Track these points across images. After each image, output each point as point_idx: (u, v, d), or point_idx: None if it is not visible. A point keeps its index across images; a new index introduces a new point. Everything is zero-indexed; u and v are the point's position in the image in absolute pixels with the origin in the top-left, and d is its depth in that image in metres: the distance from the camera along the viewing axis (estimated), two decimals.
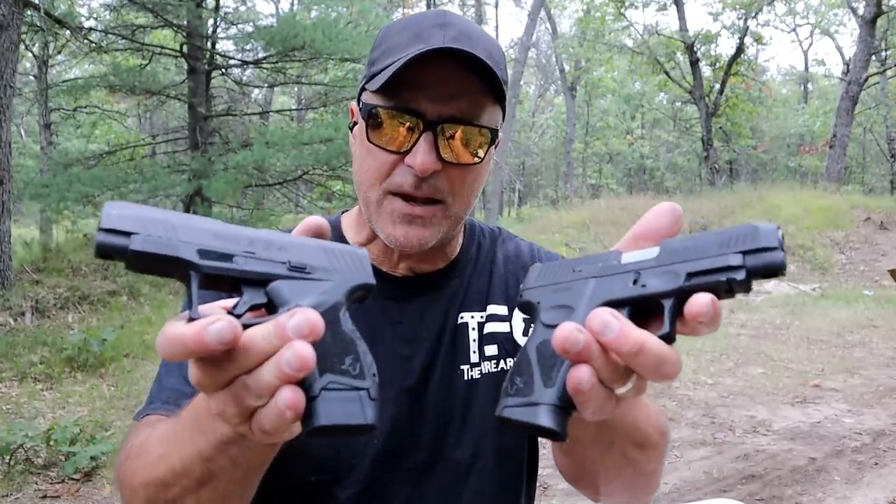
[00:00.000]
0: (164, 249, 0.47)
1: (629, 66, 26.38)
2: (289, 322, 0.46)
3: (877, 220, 15.00)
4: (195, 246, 0.49)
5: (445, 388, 0.93)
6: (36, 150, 15.54)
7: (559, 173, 36.15)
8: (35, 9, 8.08)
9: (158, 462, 0.65)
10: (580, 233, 15.73)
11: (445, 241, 0.92)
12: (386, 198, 0.85)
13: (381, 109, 0.82)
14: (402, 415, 0.90)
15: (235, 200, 10.35)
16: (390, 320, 0.93)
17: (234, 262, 0.50)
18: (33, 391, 5.11)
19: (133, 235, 0.47)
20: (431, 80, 0.81)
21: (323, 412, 0.47)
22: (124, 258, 0.47)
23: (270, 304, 0.51)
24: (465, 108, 0.82)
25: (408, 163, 0.82)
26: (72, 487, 3.69)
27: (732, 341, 7.65)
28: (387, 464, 0.89)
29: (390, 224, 0.85)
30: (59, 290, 7.23)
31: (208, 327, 0.45)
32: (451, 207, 0.86)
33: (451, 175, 0.84)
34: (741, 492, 3.72)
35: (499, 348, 0.96)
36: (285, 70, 11.21)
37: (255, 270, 0.50)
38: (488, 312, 0.97)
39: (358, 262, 0.56)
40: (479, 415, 0.93)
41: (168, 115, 20.74)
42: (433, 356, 0.93)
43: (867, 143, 30.04)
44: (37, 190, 9.14)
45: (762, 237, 0.48)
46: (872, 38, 19.42)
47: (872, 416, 5.09)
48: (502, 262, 1.02)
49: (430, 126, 0.81)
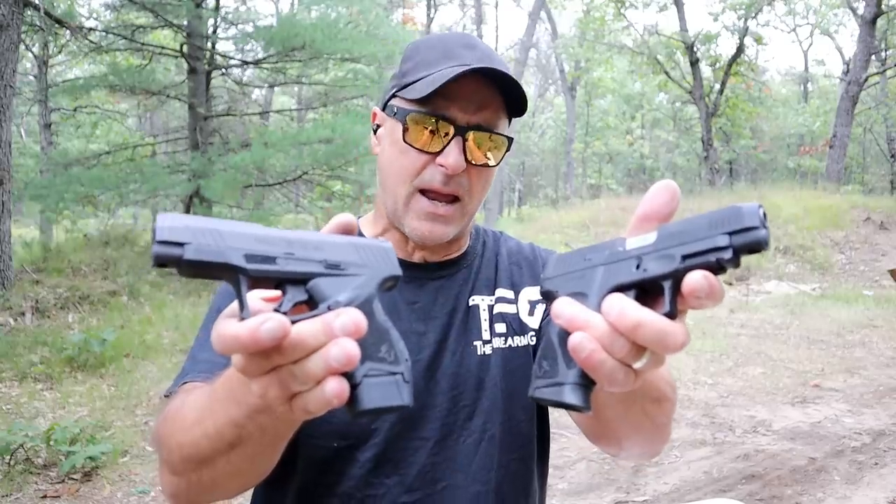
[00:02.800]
0: (215, 257, 0.52)
1: (629, 66, 26.38)
2: (336, 321, 0.51)
3: (877, 220, 14.99)
4: (242, 251, 0.53)
5: (458, 362, 1.01)
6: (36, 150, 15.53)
7: (559, 173, 36.16)
8: (35, 9, 8.09)
9: (194, 426, 0.72)
10: (580, 233, 15.73)
11: (459, 233, 1.03)
12: (414, 195, 0.97)
13: (418, 115, 0.94)
14: (417, 386, 0.97)
15: (235, 200, 10.36)
16: (407, 300, 1.03)
17: (276, 264, 0.55)
18: (33, 391, 5.11)
19: (186, 245, 0.51)
20: (462, 93, 0.93)
21: (366, 397, 0.53)
22: (179, 266, 0.51)
23: (311, 299, 0.56)
24: (489, 118, 0.96)
25: (439, 162, 0.94)
26: (72, 487, 3.69)
27: (732, 341, 7.65)
28: (404, 432, 0.97)
29: (416, 220, 0.97)
30: (59, 290, 7.23)
31: (261, 326, 0.50)
32: (467, 205, 0.99)
33: (471, 175, 0.97)
34: (741, 492, 3.72)
35: (507, 327, 1.06)
36: (285, 70, 11.21)
37: (296, 270, 0.55)
38: (497, 296, 1.08)
39: (385, 255, 0.61)
40: (490, 387, 1.02)
41: (168, 115, 20.74)
42: (446, 332, 1.02)
43: (867, 143, 30.03)
44: (37, 190, 9.14)
45: (745, 217, 0.52)
46: (872, 38, 19.42)
47: (872, 416, 5.09)
48: (506, 254, 1.15)
49: (460, 131, 0.94)
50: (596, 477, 3.95)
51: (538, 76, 40.51)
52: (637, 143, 33.16)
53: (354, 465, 0.95)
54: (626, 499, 3.69)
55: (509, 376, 1.03)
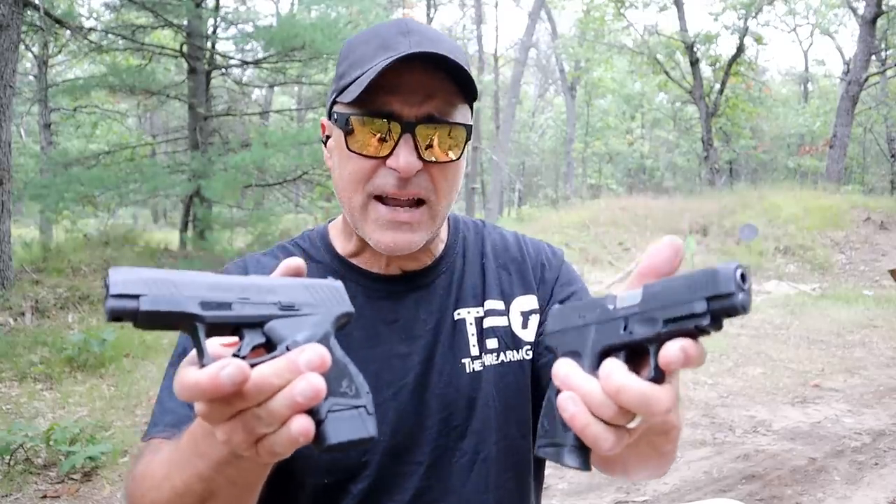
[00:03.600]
0: (171, 306, 0.52)
1: (629, 66, 26.37)
2: (300, 357, 0.52)
3: (877, 220, 14.99)
4: (197, 299, 0.54)
5: (447, 382, 0.95)
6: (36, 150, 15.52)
7: (559, 173, 36.16)
8: (35, 9, 8.09)
9: (163, 483, 0.70)
10: (580, 233, 15.73)
11: (430, 238, 0.94)
12: (370, 202, 0.88)
13: (358, 117, 0.85)
14: (405, 411, 0.93)
15: (235, 200, 10.35)
16: (386, 320, 0.96)
17: (232, 309, 0.55)
18: (33, 391, 5.11)
19: (141, 297, 0.52)
20: (403, 84, 0.84)
21: (332, 432, 0.54)
22: (135, 319, 0.52)
23: (269, 342, 0.57)
24: (440, 108, 0.86)
25: (390, 165, 0.85)
26: (72, 487, 3.69)
27: (732, 341, 7.65)
28: (395, 458, 0.92)
29: (377, 231, 0.88)
30: (59, 290, 7.23)
31: (220, 372, 0.50)
32: (434, 206, 0.89)
33: (432, 174, 0.87)
34: (741, 492, 3.72)
35: (499, 342, 0.99)
36: (285, 70, 11.21)
37: (252, 314, 0.56)
38: (486, 308, 1.00)
39: (336, 293, 0.63)
40: (482, 406, 0.96)
41: (168, 115, 20.76)
42: (431, 351, 0.96)
43: (867, 143, 30.02)
44: (37, 190, 9.13)
45: (721, 283, 0.53)
46: (872, 37, 19.42)
47: (872, 416, 5.09)
48: (492, 254, 1.05)
49: (407, 128, 0.84)
50: (596, 477, 3.95)
51: (538, 76, 40.51)
52: (637, 143, 33.17)
53: (347, 496, 0.91)
54: (626, 499, 3.69)
55: (502, 393, 0.97)
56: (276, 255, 0.99)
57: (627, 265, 13.95)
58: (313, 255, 1.00)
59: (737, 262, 0.54)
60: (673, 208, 16.73)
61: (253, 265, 0.98)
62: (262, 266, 0.97)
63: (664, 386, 0.54)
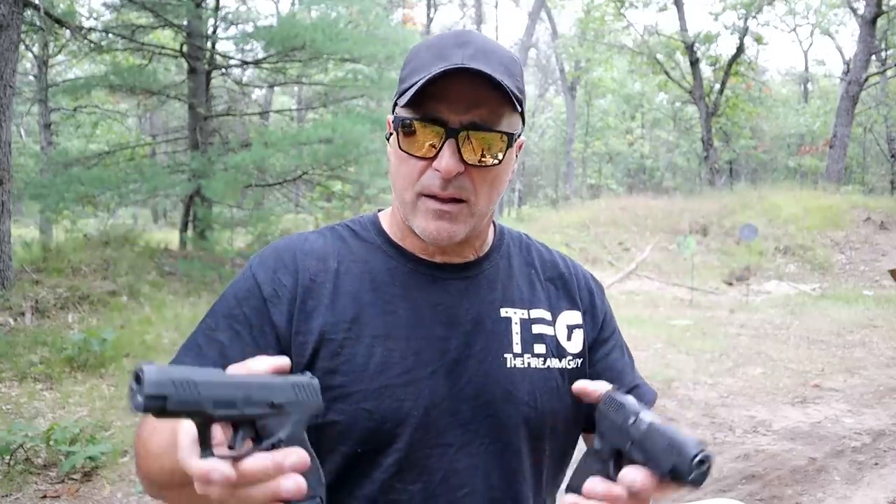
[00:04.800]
0: (191, 406, 0.61)
1: (629, 66, 26.38)
2: (286, 461, 0.64)
3: (877, 220, 15.00)
4: (212, 399, 0.63)
5: (485, 372, 1.00)
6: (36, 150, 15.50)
7: (559, 173, 36.18)
8: (35, 9, 8.08)
9: (155, 459, 0.84)
10: (580, 233, 15.74)
11: (473, 234, 1.02)
12: (419, 199, 0.96)
13: (409, 120, 0.94)
14: (438, 392, 0.97)
15: (235, 200, 10.35)
16: (431, 303, 1.01)
17: (237, 408, 0.65)
18: (33, 391, 5.11)
19: (168, 398, 0.59)
20: (452, 93, 0.92)
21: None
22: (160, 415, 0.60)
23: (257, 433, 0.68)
24: (484, 116, 0.93)
25: (434, 167, 0.93)
26: (72, 487, 3.69)
27: (732, 341, 7.66)
28: (426, 437, 0.96)
29: (424, 220, 0.96)
30: (59, 290, 7.23)
31: (210, 473, 0.62)
32: (474, 206, 0.97)
33: (473, 176, 0.95)
34: (741, 492, 3.72)
35: (546, 348, 1.05)
36: (285, 70, 11.21)
37: (251, 413, 0.67)
38: (533, 316, 1.07)
39: (314, 391, 0.74)
40: (520, 402, 1.00)
41: (168, 115, 20.75)
42: (471, 339, 1.01)
43: (867, 143, 30.02)
44: (37, 190, 9.13)
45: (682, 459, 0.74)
46: (872, 37, 19.42)
47: (872, 416, 5.09)
48: (540, 267, 1.14)
49: (451, 133, 0.92)
50: None
51: (538, 76, 40.50)
52: (637, 143, 33.17)
53: (377, 468, 0.95)
54: None
55: (544, 396, 1.02)
56: (325, 235, 1.07)
57: (627, 265, 13.96)
58: (363, 235, 1.07)
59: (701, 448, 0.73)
60: (673, 208, 16.74)
61: (300, 244, 1.04)
62: (310, 245, 1.04)
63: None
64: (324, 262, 1.01)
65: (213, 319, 0.99)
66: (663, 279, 13.12)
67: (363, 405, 0.94)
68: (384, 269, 1.02)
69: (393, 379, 0.95)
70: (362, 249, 1.04)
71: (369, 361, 0.95)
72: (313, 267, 1.00)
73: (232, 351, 0.94)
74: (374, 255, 1.04)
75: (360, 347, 0.96)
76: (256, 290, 0.98)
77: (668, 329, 8.27)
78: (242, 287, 1.00)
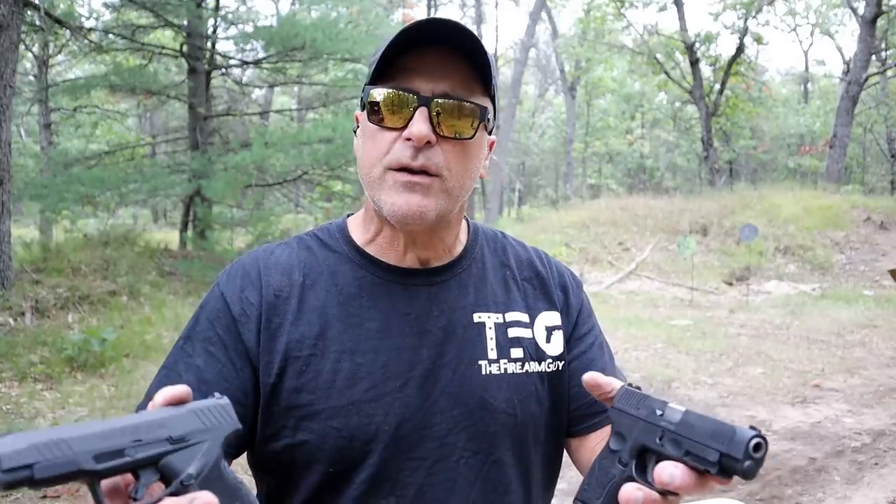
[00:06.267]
0: (66, 468, 0.54)
1: (629, 66, 26.37)
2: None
3: (877, 220, 15.00)
4: (90, 453, 0.56)
5: (459, 382, 0.95)
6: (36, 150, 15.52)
7: (559, 173, 36.16)
8: (35, 9, 8.08)
9: None
10: (580, 233, 15.73)
11: (444, 218, 0.95)
12: (387, 173, 0.91)
13: (379, 91, 0.90)
14: (412, 404, 0.92)
15: (235, 200, 10.35)
16: (399, 312, 0.96)
17: (126, 456, 0.58)
18: (33, 391, 5.11)
19: (35, 465, 0.52)
20: (423, 64, 0.90)
21: None
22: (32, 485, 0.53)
23: (164, 476, 0.61)
24: (456, 87, 0.90)
25: (405, 135, 0.89)
26: (72, 487, 3.69)
27: (732, 341, 7.65)
28: (399, 451, 0.91)
29: (393, 194, 0.91)
30: (59, 290, 7.23)
31: None
32: (447, 181, 0.91)
33: (445, 149, 0.90)
34: (741, 492, 3.72)
35: (524, 352, 1.00)
36: (285, 70, 11.21)
37: (145, 456, 0.59)
38: (509, 319, 1.02)
39: (224, 412, 0.66)
40: (497, 410, 0.95)
41: (168, 115, 20.74)
42: (442, 348, 0.95)
43: (867, 143, 30.02)
44: (37, 190, 9.13)
45: (734, 446, 0.64)
46: (872, 37, 19.41)
47: (872, 416, 5.09)
48: (516, 266, 1.08)
49: (423, 101, 0.89)
50: None
51: (538, 76, 40.50)
52: (637, 142, 33.15)
53: (350, 485, 0.91)
54: None
55: (524, 402, 0.97)
56: (291, 246, 1.02)
57: (627, 265, 13.95)
58: (331, 245, 1.02)
59: (756, 432, 0.64)
60: (673, 208, 16.73)
61: (264, 259, 1.00)
62: (275, 259, 0.99)
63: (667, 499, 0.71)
64: (289, 275, 0.97)
65: (189, 344, 0.96)
66: (663, 279, 13.11)
67: (331, 423, 0.89)
68: (351, 280, 0.97)
69: (360, 395, 0.90)
70: (330, 259, 0.99)
71: (336, 377, 0.90)
72: (277, 282, 0.96)
73: (208, 374, 0.91)
74: (342, 265, 0.99)
75: (326, 363, 0.91)
76: (226, 310, 0.95)
77: (668, 329, 8.27)
78: (213, 307, 0.97)
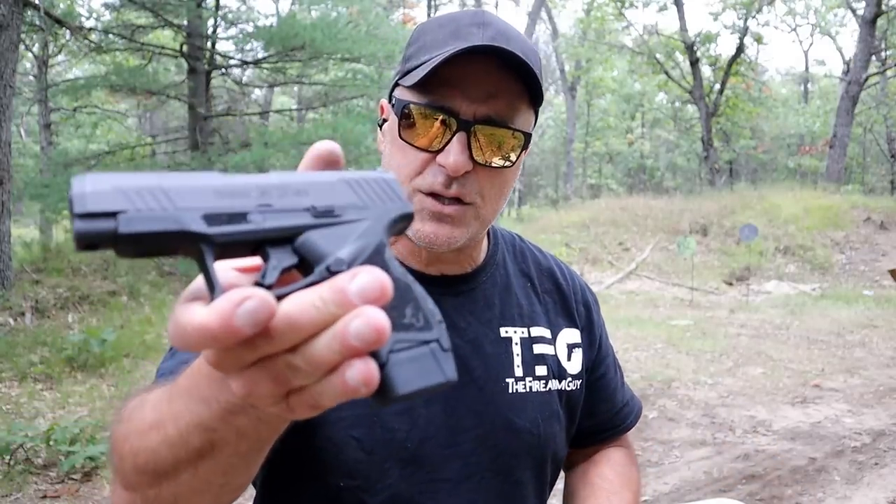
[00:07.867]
0: (163, 224, 0.37)
1: (629, 66, 26.38)
2: (351, 285, 0.36)
3: (877, 220, 15.00)
4: (200, 211, 0.39)
5: (486, 400, 0.90)
6: (36, 150, 15.53)
7: (559, 173, 36.15)
8: (35, 9, 8.09)
9: (150, 431, 0.56)
10: (580, 233, 15.73)
11: (472, 243, 0.90)
12: (416, 195, 0.83)
13: (415, 106, 0.81)
14: (436, 422, 0.87)
15: None
16: None
17: (250, 222, 0.40)
18: (33, 391, 5.11)
19: (120, 214, 0.36)
20: (468, 78, 0.79)
21: (399, 380, 0.39)
22: (114, 245, 0.37)
23: (303, 262, 0.42)
24: (501, 110, 0.81)
25: (439, 162, 0.81)
26: (72, 487, 3.69)
27: (732, 341, 7.65)
28: (420, 472, 0.86)
29: (420, 220, 0.83)
30: (59, 290, 7.23)
31: (236, 310, 0.35)
32: (480, 209, 0.85)
33: (481, 177, 0.83)
34: (741, 492, 3.72)
35: (548, 370, 0.96)
36: (285, 70, 11.22)
37: (277, 226, 0.41)
38: (534, 334, 0.97)
39: (389, 188, 0.47)
40: (521, 430, 0.92)
41: (168, 115, 20.76)
42: (469, 364, 0.90)
43: (867, 143, 30.02)
44: (37, 190, 9.14)
45: None
46: (872, 38, 19.42)
47: (872, 416, 5.09)
48: (537, 278, 1.03)
49: (463, 126, 0.80)
50: None
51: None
52: (637, 142, 33.15)
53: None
54: None
55: (547, 421, 0.94)
56: None
57: (627, 265, 13.95)
58: None
59: None
60: (673, 208, 16.73)
61: None
62: None
63: None
64: None
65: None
66: (663, 279, 13.11)
67: (352, 432, 0.83)
68: None
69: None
70: None
71: None
72: None
73: None
74: None
75: None
76: None
77: (668, 329, 8.27)
78: None
